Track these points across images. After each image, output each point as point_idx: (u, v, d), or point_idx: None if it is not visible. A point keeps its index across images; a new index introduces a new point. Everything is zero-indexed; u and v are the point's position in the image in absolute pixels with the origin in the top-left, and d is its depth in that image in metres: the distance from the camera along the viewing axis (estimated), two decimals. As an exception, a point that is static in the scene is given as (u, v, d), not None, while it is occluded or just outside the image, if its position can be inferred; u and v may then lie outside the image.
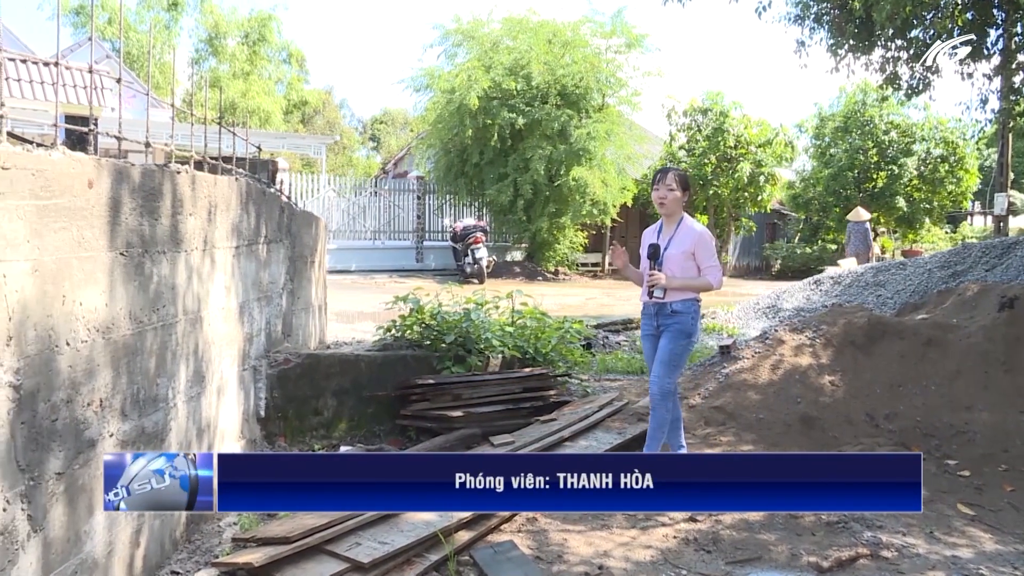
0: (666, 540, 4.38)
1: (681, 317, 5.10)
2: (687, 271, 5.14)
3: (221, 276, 4.72)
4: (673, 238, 5.19)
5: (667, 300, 5.12)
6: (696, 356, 9.62)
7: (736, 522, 4.59)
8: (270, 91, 39.41)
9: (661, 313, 5.16)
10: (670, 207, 5.19)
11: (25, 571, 2.82)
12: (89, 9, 33.37)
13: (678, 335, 5.11)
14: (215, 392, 4.68)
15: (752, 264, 32.78)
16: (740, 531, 4.49)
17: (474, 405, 5.99)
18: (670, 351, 5.10)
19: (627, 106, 24.09)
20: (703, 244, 5.15)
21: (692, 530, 4.49)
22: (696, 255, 5.13)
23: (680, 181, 5.21)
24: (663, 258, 5.14)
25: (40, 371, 2.89)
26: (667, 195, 5.16)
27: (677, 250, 5.13)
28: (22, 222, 2.77)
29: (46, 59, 17.98)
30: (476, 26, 23.32)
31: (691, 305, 5.13)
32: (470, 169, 22.79)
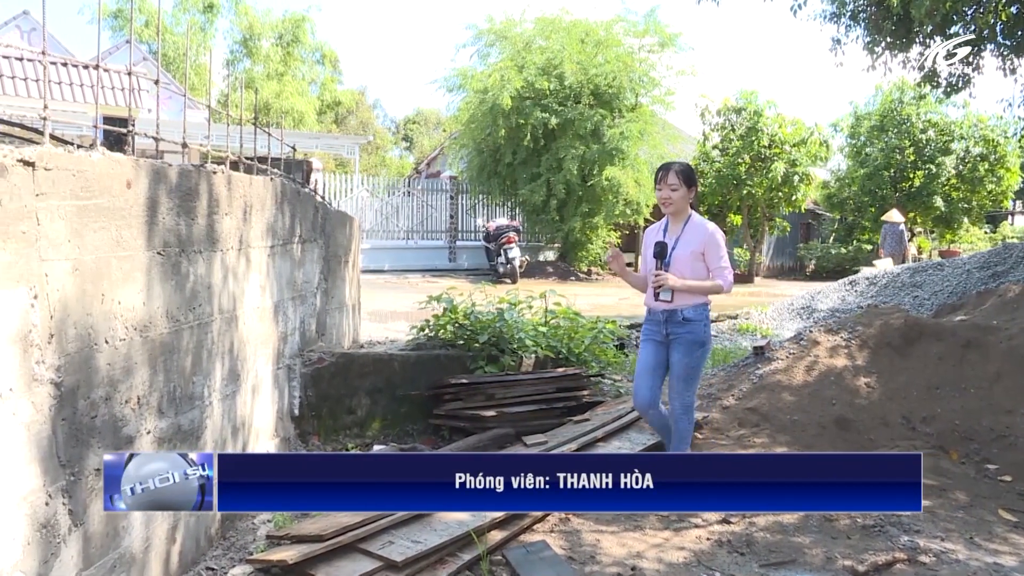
0: (699, 542, 4.34)
1: (693, 326, 4.81)
2: (697, 272, 4.84)
3: (256, 275, 4.76)
4: (681, 237, 4.88)
5: (676, 306, 4.80)
6: (729, 357, 9.57)
7: (770, 524, 4.54)
8: (304, 92, 39.63)
9: (671, 321, 4.84)
10: (677, 206, 4.88)
11: (67, 564, 2.86)
12: (127, 12, 33.77)
13: (692, 347, 4.82)
14: (250, 390, 4.72)
15: (786, 264, 32.49)
16: (774, 533, 4.43)
17: (507, 405, 5.98)
18: (687, 366, 4.83)
19: (660, 105, 23.96)
20: (713, 243, 4.84)
21: (725, 532, 4.45)
22: (706, 255, 4.83)
23: (684, 177, 4.87)
24: (671, 258, 4.84)
25: (80, 369, 2.93)
26: (671, 195, 4.85)
27: (686, 250, 4.84)
28: (63, 222, 2.81)
29: (86, 62, 18.23)
30: (509, 26, 23.31)
31: (703, 311, 4.86)
32: (503, 169, 22.79)
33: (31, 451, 2.66)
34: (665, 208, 4.93)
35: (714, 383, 7.26)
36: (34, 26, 28.16)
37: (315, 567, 3.63)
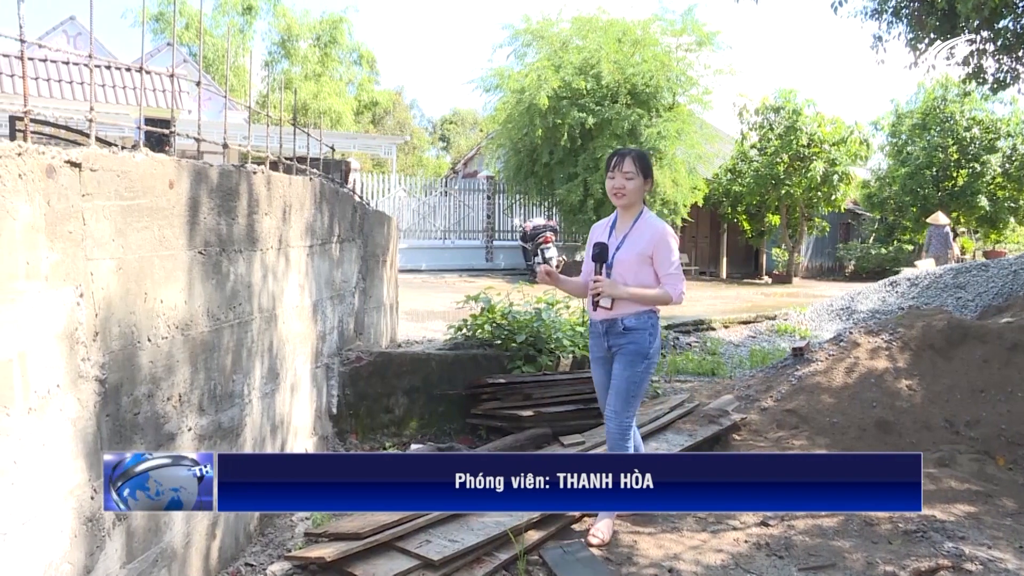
0: (737, 544, 4.31)
1: (636, 335, 4.24)
2: (642, 278, 4.25)
3: (295, 275, 4.80)
4: (627, 237, 4.30)
5: (616, 314, 4.25)
6: (768, 358, 9.49)
7: (809, 527, 4.50)
8: (341, 92, 39.88)
9: (611, 331, 4.30)
10: (630, 197, 4.29)
11: (111, 557, 2.91)
12: (167, 16, 34.20)
13: (633, 359, 4.24)
14: (289, 389, 4.76)
15: (825, 265, 32.15)
16: (813, 537, 4.39)
17: (545, 405, 5.98)
18: (627, 380, 4.25)
19: (698, 105, 23.80)
20: (663, 245, 4.23)
21: (764, 535, 4.41)
22: (655, 259, 4.23)
23: (641, 165, 4.28)
24: (612, 261, 4.27)
25: (123, 366, 2.97)
26: (624, 184, 4.26)
27: (630, 252, 4.25)
28: (108, 222, 2.85)
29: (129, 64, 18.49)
30: (546, 26, 23.28)
31: (647, 319, 4.27)
32: (540, 169, 22.76)
33: (77, 446, 2.71)
34: (617, 199, 4.33)
35: (752, 384, 7.21)
36: (80, 31, 28.65)
37: (353, 565, 3.65)
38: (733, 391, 7.17)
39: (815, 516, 4.61)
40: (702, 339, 11.64)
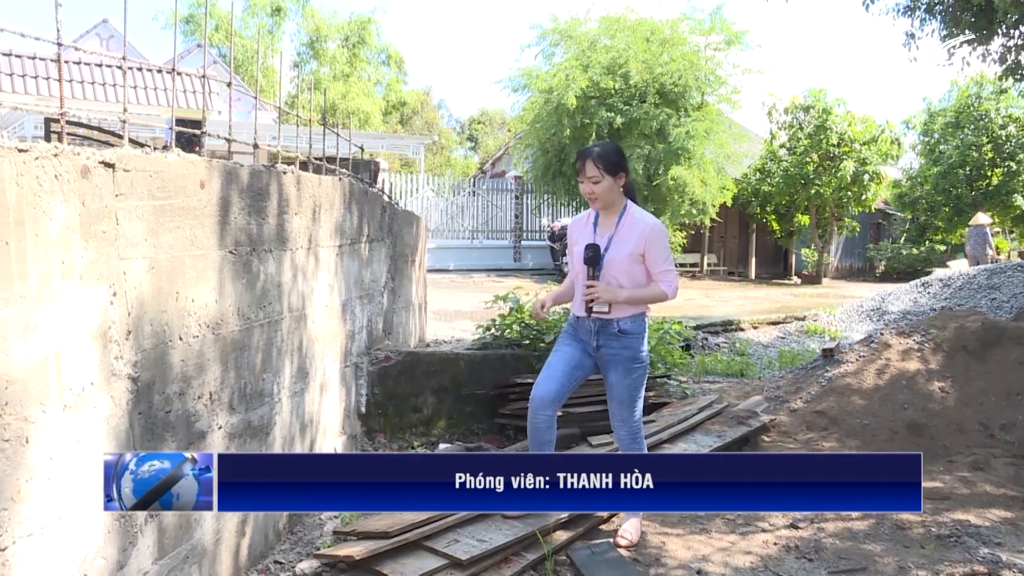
0: (766, 546, 4.28)
1: (631, 340, 4.11)
2: (635, 278, 4.10)
3: (325, 274, 4.82)
4: (615, 236, 4.11)
5: (612, 316, 4.09)
6: (797, 359, 9.43)
7: (839, 530, 4.45)
8: (369, 92, 40.08)
9: (604, 332, 4.12)
10: (603, 201, 4.11)
11: (143, 553, 2.94)
12: (197, 18, 34.52)
13: (630, 365, 4.12)
14: (318, 388, 4.78)
15: (855, 265, 31.87)
16: (843, 540, 4.34)
17: (573, 405, 5.96)
18: (628, 388, 4.14)
19: (727, 104, 23.69)
20: (656, 242, 4.07)
21: (793, 537, 4.37)
22: (647, 256, 4.08)
23: (605, 164, 4.04)
24: (603, 261, 4.08)
25: (155, 365, 3.00)
26: (593, 189, 4.06)
27: (622, 251, 4.08)
28: (140, 222, 2.88)
29: (160, 66, 18.67)
30: (573, 25, 23.24)
31: (640, 323, 4.15)
32: (568, 169, 22.72)
33: (110, 443, 2.73)
34: (593, 205, 4.19)
35: (781, 385, 7.17)
36: (112, 33, 29.00)
37: (381, 563, 3.66)
38: (762, 392, 7.13)
39: (845, 519, 4.57)
40: (731, 340, 11.59)
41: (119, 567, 2.81)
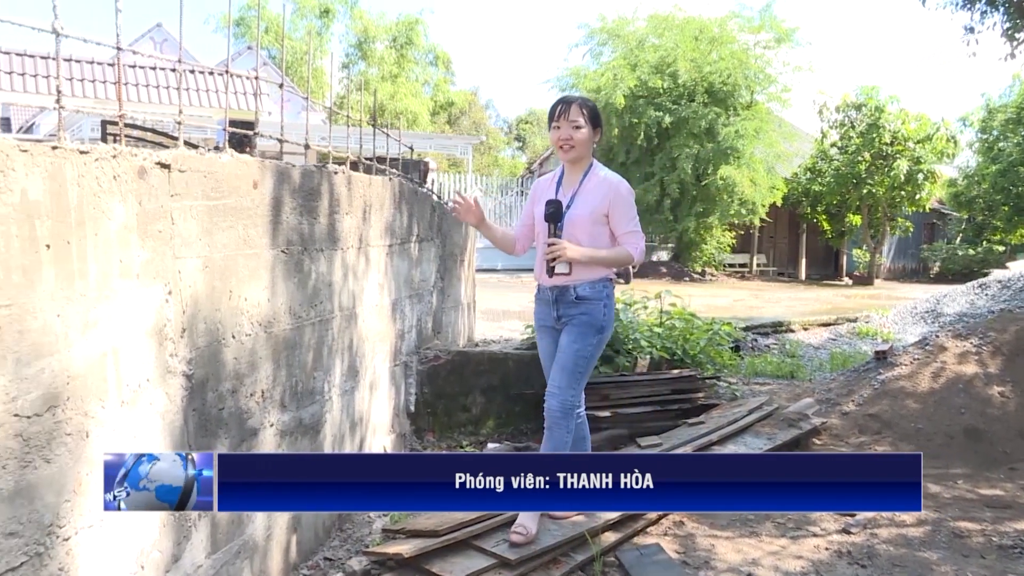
0: (817, 551, 4.19)
1: (590, 306, 3.89)
2: (597, 239, 3.89)
3: (375, 274, 4.85)
4: (579, 193, 3.92)
5: (571, 281, 3.88)
6: (849, 361, 9.29)
7: (893, 536, 4.36)
8: (417, 93, 40.29)
9: (563, 300, 3.92)
10: (578, 151, 3.90)
11: (197, 547, 2.99)
12: (247, 20, 34.99)
13: (585, 330, 3.90)
14: (368, 387, 4.81)
15: (908, 266, 31.33)
16: (898, 547, 4.24)
17: (622, 406, 5.94)
18: (575, 354, 3.90)
19: (776, 103, 23.48)
20: (621, 201, 3.88)
21: (845, 542, 4.29)
22: (612, 216, 3.88)
23: (589, 113, 3.89)
24: (563, 220, 3.86)
25: (209, 362, 3.04)
26: (572, 135, 3.86)
27: (584, 210, 3.87)
28: (195, 221, 2.92)
29: (212, 68, 18.95)
30: (621, 25, 23.19)
31: (602, 288, 3.92)
32: (616, 168, 22.55)
33: (165, 439, 2.78)
34: (563, 153, 3.93)
35: (833, 388, 7.06)
36: (166, 37, 29.54)
37: (430, 562, 3.67)
38: (813, 394, 7.03)
39: (899, 524, 4.48)
40: (780, 341, 11.46)
41: (174, 560, 2.85)
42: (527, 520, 3.87)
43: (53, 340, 2.24)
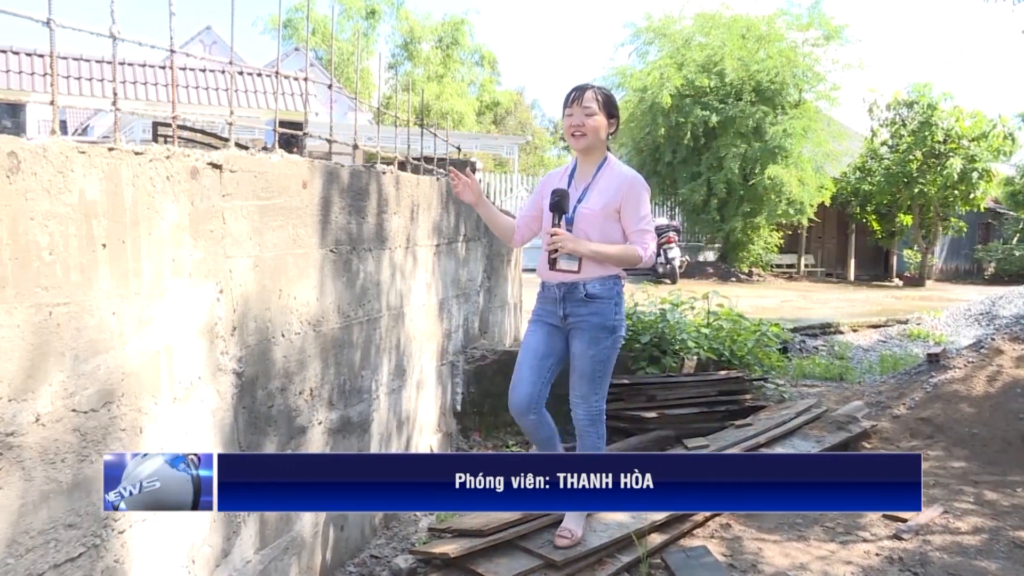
0: (867, 557, 4.12)
1: (600, 305, 3.72)
2: (608, 235, 3.71)
3: (422, 273, 4.87)
4: (591, 186, 3.74)
5: (580, 278, 3.70)
6: (900, 364, 9.13)
7: (947, 544, 4.25)
8: (463, 93, 40.39)
9: (571, 298, 3.74)
10: (590, 139, 3.72)
11: (246, 543, 3.03)
12: (295, 22, 35.38)
13: (598, 334, 3.73)
14: (415, 386, 4.84)
15: (961, 267, 30.72)
16: (952, 554, 4.12)
17: (668, 407, 5.91)
18: (592, 360, 3.77)
19: (825, 101, 23.15)
20: (634, 197, 3.69)
21: (897, 548, 4.20)
22: (623, 212, 3.69)
23: (604, 101, 3.72)
24: (573, 215, 3.69)
25: (258, 360, 3.08)
26: (584, 122, 3.68)
27: (596, 204, 3.68)
28: (245, 221, 2.96)
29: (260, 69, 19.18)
30: (668, 23, 23.06)
31: (612, 286, 3.75)
32: (663, 168, 22.58)
33: (216, 436, 2.82)
34: (575, 141, 3.75)
35: (883, 391, 6.96)
36: (215, 39, 30.00)
37: (476, 562, 3.68)
38: (862, 397, 6.93)
39: (954, 532, 4.38)
40: (829, 343, 11.30)
41: (224, 555, 2.89)
42: (572, 523, 3.86)
43: (108, 337, 2.29)
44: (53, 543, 2.14)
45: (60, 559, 2.16)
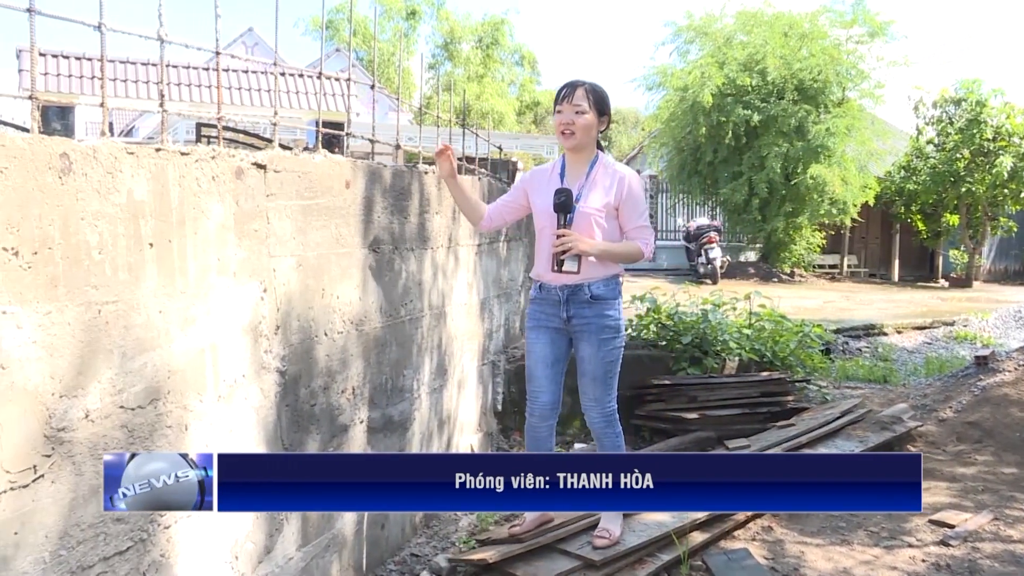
0: (913, 563, 4.01)
1: (605, 306, 3.66)
2: (609, 234, 3.65)
3: (464, 273, 4.89)
4: (587, 185, 3.66)
5: (583, 279, 3.62)
6: (946, 366, 8.98)
7: (998, 552, 4.11)
8: (503, 93, 40.42)
9: (575, 300, 3.66)
10: (580, 138, 3.63)
11: (288, 539, 3.06)
12: (336, 23, 35.65)
13: (607, 334, 3.68)
14: (456, 385, 4.85)
15: (1011, 268, 30.08)
16: (1004, 563, 3.99)
17: (710, 408, 5.87)
18: (603, 361, 3.70)
19: (869, 99, 22.77)
20: (633, 195, 3.66)
21: (944, 555, 4.08)
22: (622, 210, 3.65)
23: (595, 98, 3.64)
24: (573, 214, 3.60)
25: (302, 359, 3.11)
26: (574, 120, 3.61)
27: (597, 202, 3.62)
28: (289, 220, 2.99)
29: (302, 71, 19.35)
30: (709, 22, 22.87)
31: (615, 286, 3.72)
32: (704, 168, 22.40)
33: (259, 433, 2.85)
34: (565, 140, 3.67)
35: (929, 393, 6.85)
36: (257, 41, 30.32)
37: (514, 566, 3.68)
38: (907, 400, 6.83)
39: (1005, 540, 4.28)
40: (873, 344, 11.15)
41: (266, 551, 2.92)
42: (610, 523, 3.85)
43: (155, 335, 2.32)
44: (102, 536, 2.18)
45: (109, 552, 2.20)
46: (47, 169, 1.98)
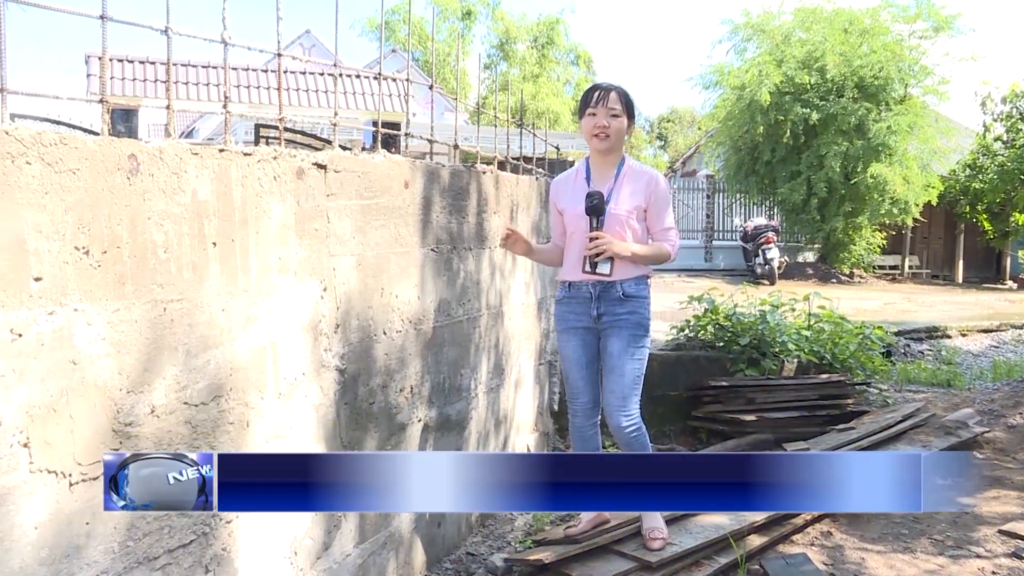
0: (981, 574, 3.86)
1: (636, 304, 3.67)
2: (638, 236, 3.70)
3: (521, 272, 4.89)
4: (616, 188, 3.68)
5: (616, 278, 3.63)
6: (1015, 371, 8.75)
7: (1077, 569, 3.97)
8: (559, 92, 40.38)
9: (606, 298, 3.65)
10: (613, 141, 3.66)
11: (346, 536, 3.09)
12: (391, 24, 35.95)
13: (636, 333, 3.67)
14: (512, 385, 4.85)
15: (1083, 269, 29.25)
16: None
17: (767, 410, 5.80)
18: (632, 359, 3.65)
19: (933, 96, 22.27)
20: (661, 197, 3.71)
21: (1015, 568, 3.90)
22: (650, 212, 3.69)
23: (626, 103, 3.66)
24: (604, 216, 3.61)
25: (360, 358, 3.13)
26: (609, 124, 3.62)
27: (628, 204, 3.65)
28: (349, 220, 3.01)
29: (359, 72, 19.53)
30: (766, 19, 22.58)
31: (645, 286, 3.73)
32: (761, 167, 22.12)
33: (318, 431, 2.88)
34: (599, 142, 3.67)
35: (996, 399, 6.67)
36: (314, 43, 30.69)
37: (570, 567, 3.67)
38: (973, 405, 6.66)
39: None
40: (936, 347, 10.90)
41: (324, 548, 2.96)
42: (655, 522, 3.83)
43: (218, 333, 2.36)
44: (167, 529, 2.22)
45: (173, 544, 2.24)
46: (116, 170, 2.02)
